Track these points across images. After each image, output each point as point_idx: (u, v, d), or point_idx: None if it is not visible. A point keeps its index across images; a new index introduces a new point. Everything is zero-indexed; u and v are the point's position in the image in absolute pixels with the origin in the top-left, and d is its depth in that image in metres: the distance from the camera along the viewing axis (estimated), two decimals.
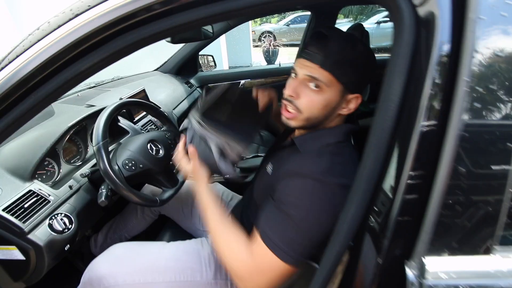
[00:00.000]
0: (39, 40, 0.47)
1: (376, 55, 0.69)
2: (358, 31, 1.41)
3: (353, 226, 0.48)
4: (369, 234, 0.49)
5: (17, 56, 0.48)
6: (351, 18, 8.43)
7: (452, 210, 0.41)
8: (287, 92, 0.66)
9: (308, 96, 0.63)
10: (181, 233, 1.12)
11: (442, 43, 0.41)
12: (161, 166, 0.97)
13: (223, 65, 5.54)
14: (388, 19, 7.16)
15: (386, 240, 0.44)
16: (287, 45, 8.21)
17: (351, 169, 0.57)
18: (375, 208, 0.48)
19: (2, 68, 0.48)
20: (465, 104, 0.38)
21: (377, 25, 7.06)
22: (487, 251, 0.41)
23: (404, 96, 0.44)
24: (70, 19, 0.46)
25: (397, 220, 0.44)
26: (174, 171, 1.06)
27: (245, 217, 0.85)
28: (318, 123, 0.67)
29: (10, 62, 0.48)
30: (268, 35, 8.82)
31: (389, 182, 0.46)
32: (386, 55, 2.28)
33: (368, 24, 6.88)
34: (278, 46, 7.10)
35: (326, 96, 0.62)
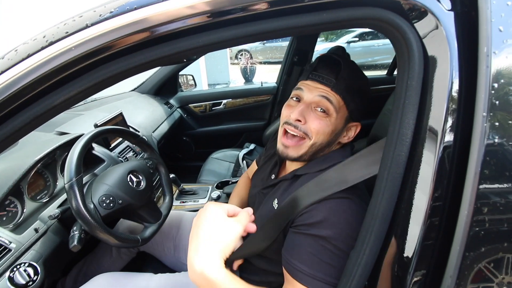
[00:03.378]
0: (2, 72, 0.40)
1: None
2: (340, 53, 1.44)
3: (367, 270, 0.45)
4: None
5: None
6: (323, 38, 8.81)
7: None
8: (293, 116, 0.60)
9: (317, 120, 0.59)
10: (166, 271, 1.01)
11: (453, 75, 0.40)
12: (142, 200, 0.87)
13: (202, 83, 5.51)
14: (357, 39, 7.60)
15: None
16: (262, 63, 8.38)
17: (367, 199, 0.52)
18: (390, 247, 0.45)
19: None
20: (484, 133, 0.36)
21: (348, 45, 7.44)
22: None
23: (417, 129, 0.42)
24: (43, 48, 0.39)
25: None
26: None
27: None
28: (319, 151, 0.63)
29: None
30: (245, 53, 8.97)
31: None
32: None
33: (339, 44, 7.24)
34: (254, 64, 7.21)
35: (333, 121, 0.60)
